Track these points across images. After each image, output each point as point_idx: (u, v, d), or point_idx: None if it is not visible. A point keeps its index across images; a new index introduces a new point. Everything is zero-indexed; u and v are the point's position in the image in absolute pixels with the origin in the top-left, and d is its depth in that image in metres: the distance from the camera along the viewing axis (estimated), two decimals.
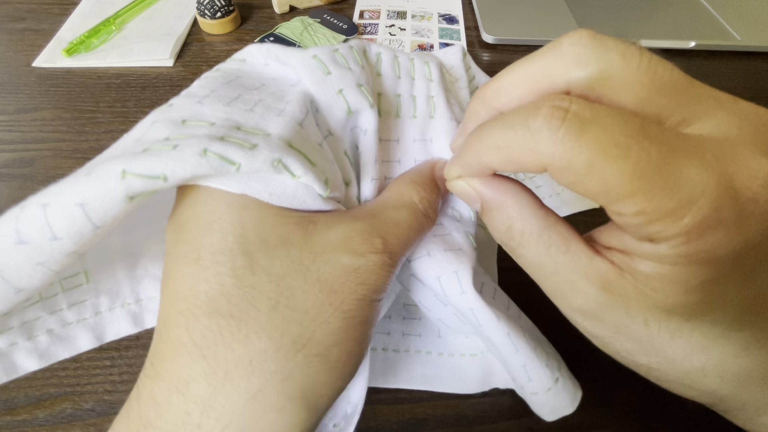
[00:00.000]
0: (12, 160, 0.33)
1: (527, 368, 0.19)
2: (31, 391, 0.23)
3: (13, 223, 0.13)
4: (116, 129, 0.35)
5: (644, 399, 0.24)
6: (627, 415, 0.23)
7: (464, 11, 0.48)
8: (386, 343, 0.25)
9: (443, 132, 0.22)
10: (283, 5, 0.47)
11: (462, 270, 0.19)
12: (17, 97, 0.38)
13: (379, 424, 0.23)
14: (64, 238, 0.13)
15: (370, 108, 0.18)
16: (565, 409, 0.20)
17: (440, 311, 0.22)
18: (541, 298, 0.16)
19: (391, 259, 0.16)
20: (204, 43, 0.44)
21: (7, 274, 0.13)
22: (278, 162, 0.15)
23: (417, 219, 0.18)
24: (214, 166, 0.14)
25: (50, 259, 0.13)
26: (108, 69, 0.41)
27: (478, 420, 0.23)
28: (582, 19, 0.46)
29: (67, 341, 0.21)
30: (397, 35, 0.45)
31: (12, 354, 0.20)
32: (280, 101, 0.17)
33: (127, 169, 0.13)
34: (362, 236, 0.16)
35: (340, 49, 0.19)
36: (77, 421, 0.22)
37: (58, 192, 0.13)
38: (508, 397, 0.23)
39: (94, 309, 0.22)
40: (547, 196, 0.31)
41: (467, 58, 0.27)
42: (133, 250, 0.22)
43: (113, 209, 0.13)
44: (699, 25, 0.45)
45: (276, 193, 0.15)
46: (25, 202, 0.14)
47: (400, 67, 0.22)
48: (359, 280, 0.15)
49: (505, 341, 0.19)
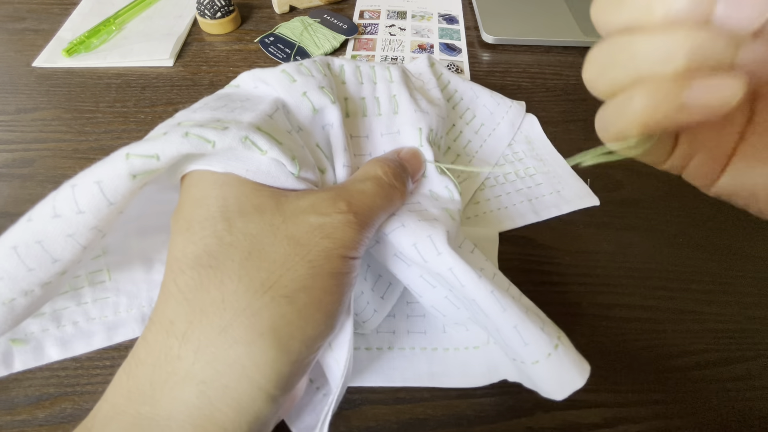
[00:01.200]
0: (12, 160, 0.33)
1: (519, 329, 0.19)
2: (31, 391, 0.23)
3: (51, 201, 0.17)
4: (116, 129, 0.35)
5: (645, 398, 0.24)
6: (627, 415, 0.23)
7: (464, 11, 0.48)
8: (392, 342, 0.25)
9: (409, 123, 0.25)
10: (283, 5, 0.47)
11: (435, 233, 0.20)
12: (17, 97, 0.38)
13: (379, 424, 0.23)
14: (86, 212, 0.16)
15: (332, 104, 0.21)
16: (574, 382, 0.19)
17: (431, 295, 0.22)
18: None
19: (357, 218, 0.18)
20: (204, 43, 0.44)
21: (46, 244, 0.16)
22: (246, 138, 0.17)
23: (382, 188, 0.20)
24: (194, 144, 0.17)
25: (77, 231, 0.16)
26: (108, 69, 0.41)
27: (478, 420, 0.23)
28: (582, 19, 0.46)
29: (87, 336, 0.24)
30: (397, 35, 0.45)
31: (43, 340, 0.23)
32: (256, 105, 0.20)
33: (130, 152, 0.16)
34: (328, 201, 0.18)
35: (304, 63, 0.23)
36: (77, 421, 0.22)
37: (83, 175, 0.17)
38: (508, 397, 0.23)
39: (114, 308, 0.24)
40: (548, 194, 0.32)
41: (436, 66, 0.31)
42: (151, 256, 0.25)
43: (121, 186, 0.16)
44: None
45: (252, 169, 0.18)
46: (61, 186, 0.17)
47: (362, 75, 0.25)
48: (324, 233, 0.17)
49: (490, 300, 0.19)
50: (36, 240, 0.16)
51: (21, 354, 0.23)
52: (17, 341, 0.23)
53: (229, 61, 0.42)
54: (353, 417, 0.23)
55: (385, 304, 0.24)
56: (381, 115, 0.25)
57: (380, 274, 0.24)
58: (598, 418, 0.23)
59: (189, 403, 0.14)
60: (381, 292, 0.24)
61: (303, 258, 0.16)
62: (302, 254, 0.16)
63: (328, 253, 0.17)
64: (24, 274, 0.16)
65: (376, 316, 0.24)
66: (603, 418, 0.23)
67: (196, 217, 0.17)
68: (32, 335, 0.23)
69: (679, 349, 0.25)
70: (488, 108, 0.34)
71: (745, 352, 0.25)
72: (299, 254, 0.16)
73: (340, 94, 0.24)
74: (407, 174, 0.22)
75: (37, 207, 0.17)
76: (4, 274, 0.16)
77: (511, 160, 0.34)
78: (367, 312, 0.23)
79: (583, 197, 0.31)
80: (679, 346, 0.25)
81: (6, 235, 0.16)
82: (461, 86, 0.33)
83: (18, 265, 0.16)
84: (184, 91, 0.39)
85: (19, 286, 0.16)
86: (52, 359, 0.23)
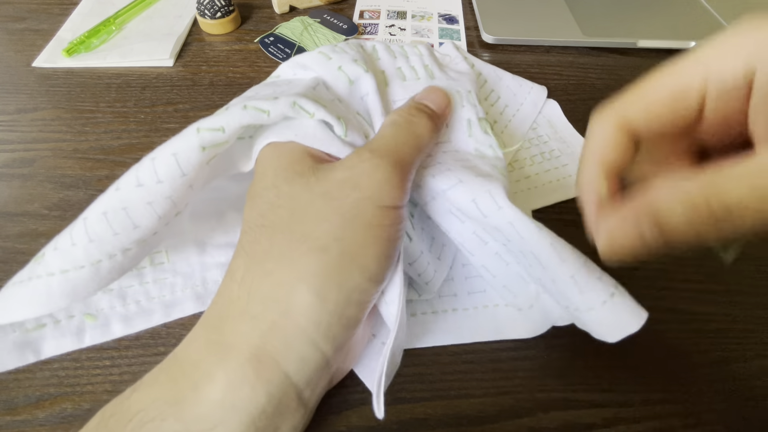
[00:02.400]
0: (12, 160, 0.33)
1: (576, 279, 0.19)
2: (31, 391, 0.23)
3: (135, 172, 0.19)
4: (116, 129, 0.35)
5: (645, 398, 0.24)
6: (627, 415, 0.23)
7: (464, 11, 0.48)
8: (455, 304, 0.26)
9: (446, 86, 0.26)
10: (283, 5, 0.47)
11: (494, 188, 0.21)
12: (17, 97, 0.38)
13: (379, 424, 0.23)
14: (164, 181, 0.19)
15: (365, 73, 0.23)
16: (629, 326, 0.18)
17: (482, 252, 0.23)
18: None
19: (383, 160, 0.19)
20: (204, 43, 0.44)
21: (130, 211, 0.18)
22: (294, 104, 0.20)
23: (401, 126, 0.21)
24: (252, 115, 0.19)
25: (155, 200, 0.19)
26: (108, 69, 0.41)
27: (478, 420, 0.23)
28: (582, 19, 0.46)
29: (147, 314, 0.25)
30: (397, 35, 0.45)
31: (110, 316, 0.25)
32: (300, 84, 0.22)
33: (200, 126, 0.19)
34: (353, 155, 0.20)
35: (339, 44, 0.25)
36: (77, 421, 0.22)
37: (162, 148, 0.19)
38: (508, 397, 0.23)
39: (171, 288, 0.26)
40: (574, 174, 0.32)
41: (461, 50, 0.33)
42: (203, 240, 0.27)
43: (193, 158, 0.19)
44: (699, 25, 0.45)
45: (300, 134, 0.20)
46: (141, 160, 0.19)
47: (394, 51, 0.27)
48: (353, 185, 0.18)
49: (549, 251, 0.19)
50: (122, 207, 0.18)
51: (91, 329, 0.24)
52: (90, 316, 0.24)
53: (229, 61, 0.42)
54: (353, 417, 0.23)
55: (442, 265, 0.25)
56: (420, 79, 0.26)
57: (433, 236, 0.25)
58: (597, 418, 0.23)
59: (246, 334, 0.17)
60: (437, 253, 0.25)
61: (335, 211, 0.18)
62: (335, 207, 0.18)
63: (359, 203, 0.18)
64: (110, 237, 0.18)
65: (436, 276, 0.25)
66: (603, 418, 0.23)
67: (258, 188, 0.20)
68: (102, 311, 0.25)
69: (679, 349, 0.25)
70: (511, 89, 0.35)
71: (745, 352, 0.25)
72: (332, 207, 0.18)
73: (376, 68, 0.26)
74: (427, 108, 0.23)
75: (123, 177, 0.19)
76: (95, 237, 0.18)
77: (537, 143, 0.34)
78: (428, 272, 0.24)
79: None
80: (678, 346, 0.25)
81: (97, 202, 0.19)
82: (485, 69, 0.34)
83: (106, 229, 0.18)
84: (184, 91, 0.39)
85: (106, 248, 0.18)
86: (116, 335, 0.24)
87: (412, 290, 0.26)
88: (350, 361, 0.23)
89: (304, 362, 0.17)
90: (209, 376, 0.17)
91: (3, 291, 0.18)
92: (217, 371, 0.17)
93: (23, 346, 0.23)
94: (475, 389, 0.24)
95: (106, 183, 0.31)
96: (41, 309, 0.18)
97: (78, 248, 0.18)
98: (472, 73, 0.29)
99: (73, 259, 0.18)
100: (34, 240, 0.28)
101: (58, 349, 0.23)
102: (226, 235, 0.27)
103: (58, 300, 0.18)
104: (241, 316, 0.17)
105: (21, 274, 0.19)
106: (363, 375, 0.23)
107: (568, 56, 0.43)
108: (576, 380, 0.24)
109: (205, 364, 0.17)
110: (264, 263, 0.18)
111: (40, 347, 0.23)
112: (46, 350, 0.23)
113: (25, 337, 0.23)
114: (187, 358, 0.18)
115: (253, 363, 0.16)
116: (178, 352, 0.18)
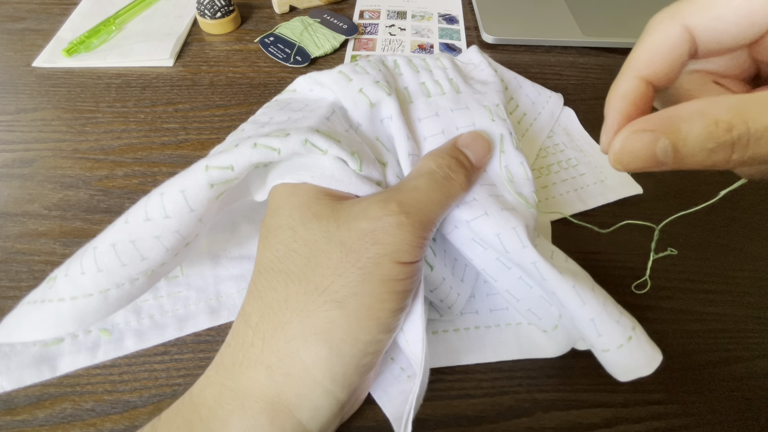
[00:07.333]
0: (12, 160, 0.33)
1: (596, 323, 0.19)
2: (31, 391, 0.23)
3: (143, 206, 0.19)
4: (116, 129, 0.35)
5: (645, 398, 0.24)
6: (627, 415, 0.23)
7: (464, 11, 0.48)
8: (477, 322, 0.26)
9: (473, 101, 0.25)
10: (283, 5, 0.47)
11: (519, 227, 0.21)
12: (17, 97, 0.38)
13: (379, 424, 0.23)
14: (172, 216, 0.18)
15: (387, 96, 0.22)
16: (640, 370, 0.19)
17: (506, 277, 0.23)
18: None
19: (409, 218, 0.18)
20: (204, 43, 0.44)
21: (138, 244, 0.19)
22: (306, 141, 0.19)
23: (437, 182, 0.20)
24: (262, 153, 0.19)
25: (162, 234, 0.19)
26: (108, 69, 0.41)
27: (478, 420, 0.23)
28: (582, 19, 0.46)
29: (161, 328, 0.25)
30: (397, 35, 0.45)
31: (125, 331, 0.25)
32: (314, 112, 0.22)
33: (209, 164, 0.19)
34: (379, 204, 0.18)
35: (359, 62, 0.24)
36: (77, 421, 0.22)
37: (170, 183, 0.19)
38: (508, 397, 0.23)
39: (185, 302, 0.26)
40: (592, 183, 0.32)
41: (484, 55, 0.31)
42: (218, 252, 0.27)
43: (201, 195, 0.18)
44: None
45: (317, 175, 0.19)
46: (150, 193, 0.19)
47: (416, 65, 0.26)
48: (374, 239, 0.18)
49: (571, 294, 0.20)
50: (130, 239, 0.18)
51: (105, 344, 0.24)
52: (105, 331, 0.25)
53: (229, 61, 0.42)
54: (353, 417, 0.23)
55: (464, 287, 0.25)
56: (445, 93, 0.25)
57: (455, 258, 0.25)
58: (598, 418, 0.23)
59: (259, 382, 0.17)
60: (460, 275, 0.24)
61: (354, 264, 0.17)
62: (353, 261, 0.17)
63: (378, 259, 0.17)
64: (118, 268, 0.18)
65: (459, 300, 0.24)
66: (603, 418, 0.23)
67: (272, 226, 0.19)
68: (116, 326, 0.25)
69: (679, 349, 0.25)
70: (530, 98, 0.34)
71: (745, 352, 0.25)
72: (350, 260, 0.17)
73: (399, 84, 0.25)
74: (467, 161, 0.22)
75: (131, 210, 0.19)
76: (103, 267, 0.18)
77: (553, 152, 0.34)
78: (451, 297, 0.24)
79: (626, 185, 0.32)
80: (679, 346, 0.25)
81: (107, 232, 0.19)
82: (506, 75, 0.33)
83: (114, 260, 0.18)
84: (184, 91, 0.39)
85: (114, 279, 0.18)
86: (129, 351, 0.24)
87: (433, 310, 0.25)
88: (364, 394, 0.22)
89: (319, 410, 0.17)
90: (225, 424, 0.17)
91: (18, 309, 0.19)
92: (232, 420, 0.17)
93: (41, 362, 0.23)
94: (474, 389, 0.24)
95: (106, 183, 0.31)
96: (51, 332, 0.18)
97: (87, 277, 0.18)
98: (498, 82, 0.28)
99: (82, 286, 0.18)
100: (34, 240, 0.28)
101: (73, 365, 0.24)
102: (240, 247, 0.27)
103: (67, 325, 0.18)
104: (255, 364, 0.17)
105: (35, 294, 0.19)
106: (381, 400, 0.23)
107: (568, 56, 0.43)
108: (576, 380, 0.24)
109: (221, 411, 0.17)
110: (279, 313, 0.17)
111: (57, 363, 0.24)
112: (62, 367, 0.24)
113: (44, 351, 0.24)
114: (204, 404, 0.18)
115: (268, 412, 0.17)
116: (194, 395, 0.18)
